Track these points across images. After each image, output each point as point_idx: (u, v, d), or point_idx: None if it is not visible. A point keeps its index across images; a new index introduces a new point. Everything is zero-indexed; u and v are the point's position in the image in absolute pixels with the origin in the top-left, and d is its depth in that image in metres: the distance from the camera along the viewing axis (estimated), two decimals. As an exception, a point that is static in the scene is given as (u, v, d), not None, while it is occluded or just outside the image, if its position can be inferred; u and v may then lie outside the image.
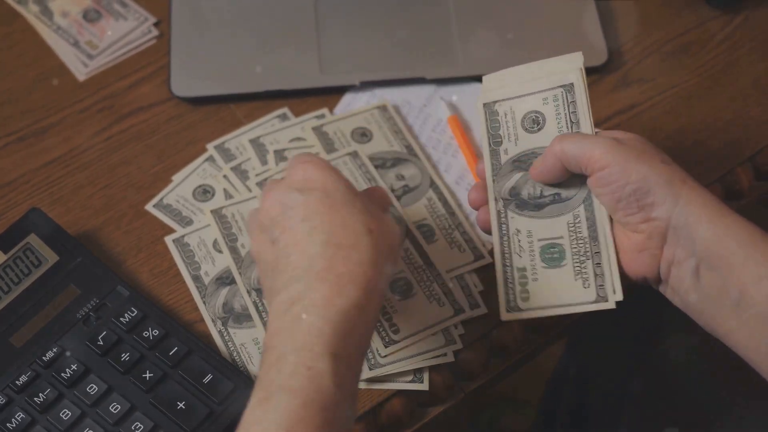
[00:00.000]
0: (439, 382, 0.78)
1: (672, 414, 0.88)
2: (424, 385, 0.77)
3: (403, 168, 0.88)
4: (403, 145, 0.89)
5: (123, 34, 0.96)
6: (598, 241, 0.74)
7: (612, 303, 0.73)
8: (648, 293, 0.74)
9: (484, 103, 0.78)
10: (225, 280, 0.82)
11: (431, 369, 0.78)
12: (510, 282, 0.74)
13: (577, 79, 0.76)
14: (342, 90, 0.93)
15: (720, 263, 0.68)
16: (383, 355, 0.77)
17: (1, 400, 0.74)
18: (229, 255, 0.83)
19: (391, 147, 0.89)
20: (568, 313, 0.74)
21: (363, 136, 0.89)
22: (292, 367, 0.60)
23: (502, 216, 0.76)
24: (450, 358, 0.78)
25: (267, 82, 0.93)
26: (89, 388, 0.75)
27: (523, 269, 0.74)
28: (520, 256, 0.75)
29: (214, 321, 0.80)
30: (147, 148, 0.90)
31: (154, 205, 0.87)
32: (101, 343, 0.77)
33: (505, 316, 0.74)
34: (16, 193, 0.87)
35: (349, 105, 0.92)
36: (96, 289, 0.79)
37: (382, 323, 0.78)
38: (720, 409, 0.86)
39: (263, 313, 0.80)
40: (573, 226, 0.75)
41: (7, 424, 0.73)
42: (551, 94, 0.77)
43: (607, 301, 0.73)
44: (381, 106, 0.92)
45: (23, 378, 0.75)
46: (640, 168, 0.69)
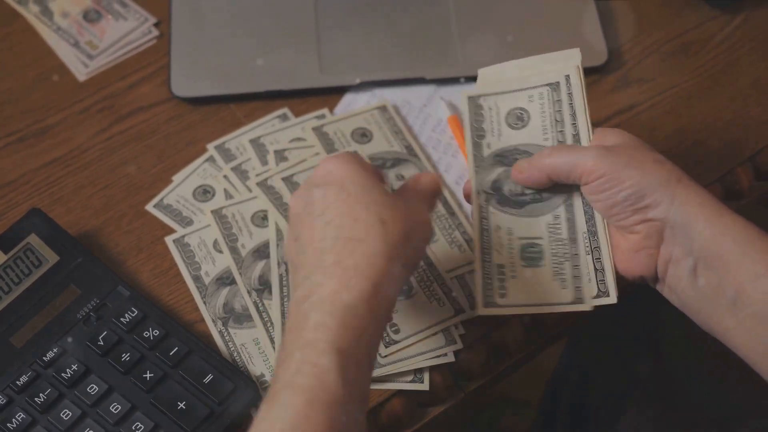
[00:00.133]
0: (439, 382, 0.78)
1: (672, 414, 0.89)
2: (425, 385, 0.77)
3: (403, 168, 0.88)
4: (403, 146, 0.89)
5: (123, 34, 0.96)
6: (578, 243, 0.74)
7: (589, 306, 0.73)
8: (648, 293, 0.74)
9: (469, 96, 0.78)
10: (225, 280, 0.82)
11: (431, 369, 0.78)
12: (488, 277, 0.74)
13: (573, 76, 0.76)
14: (342, 90, 0.93)
15: (717, 262, 0.68)
16: (383, 355, 0.77)
17: (2, 401, 0.74)
18: (230, 255, 0.83)
19: (391, 147, 0.89)
20: (545, 312, 0.74)
21: (363, 136, 0.89)
22: (298, 364, 0.60)
23: (484, 211, 0.76)
24: (450, 358, 0.78)
25: (267, 82, 0.93)
26: (90, 389, 0.75)
27: (502, 266, 0.74)
28: (500, 253, 0.74)
29: (214, 321, 0.80)
30: (147, 149, 0.90)
31: (155, 206, 0.87)
32: (102, 343, 0.77)
33: (481, 310, 0.74)
34: (16, 194, 0.87)
35: (349, 105, 0.92)
36: (96, 289, 0.79)
37: (383, 323, 0.78)
38: (720, 408, 0.86)
39: (263, 314, 0.80)
40: (553, 227, 0.75)
41: (8, 425, 0.73)
42: (537, 92, 0.77)
43: (583, 302, 0.73)
44: (381, 107, 0.92)
45: (24, 378, 0.75)
46: (632, 173, 0.69)
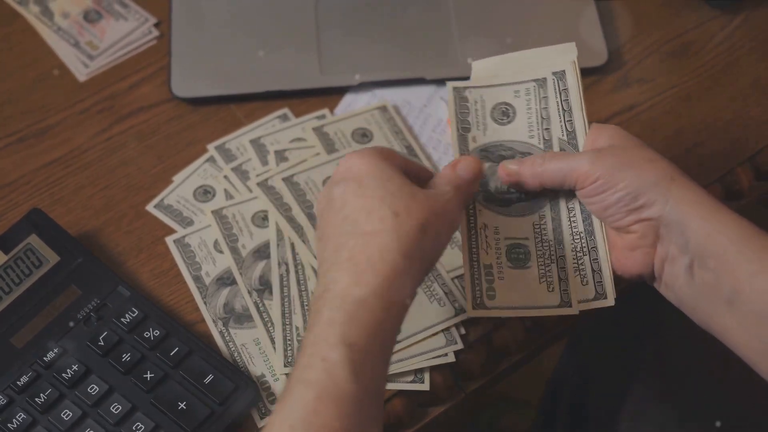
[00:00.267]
0: (439, 383, 0.78)
1: (672, 414, 0.89)
2: (425, 386, 0.77)
3: (404, 168, 0.88)
4: (404, 146, 0.89)
5: (123, 34, 0.96)
6: (564, 245, 0.74)
7: (576, 310, 0.73)
8: (648, 292, 0.74)
9: (454, 87, 0.77)
10: (226, 280, 0.82)
11: (432, 369, 0.78)
12: (477, 278, 0.73)
13: (570, 72, 0.76)
14: (342, 90, 0.93)
15: (712, 260, 0.68)
16: (384, 355, 0.77)
17: (2, 401, 0.74)
18: (230, 255, 0.83)
19: (392, 147, 0.89)
20: (533, 315, 0.73)
21: (363, 136, 0.89)
22: (308, 359, 0.60)
23: (470, 208, 0.75)
24: (451, 359, 0.78)
25: (267, 83, 0.93)
26: (90, 389, 0.75)
27: (490, 266, 0.74)
28: (487, 253, 0.74)
29: (214, 321, 0.80)
30: (147, 149, 0.90)
31: (155, 206, 0.87)
32: (102, 343, 0.77)
33: (471, 312, 0.73)
34: (16, 194, 0.87)
35: (349, 105, 0.92)
36: (97, 289, 0.79)
37: (383, 323, 0.78)
38: (721, 408, 0.86)
39: (264, 314, 0.80)
40: (538, 227, 0.74)
41: (8, 425, 0.73)
42: (523, 87, 0.76)
43: (570, 306, 0.73)
44: (381, 107, 0.92)
45: (24, 378, 0.75)
46: (625, 175, 0.70)
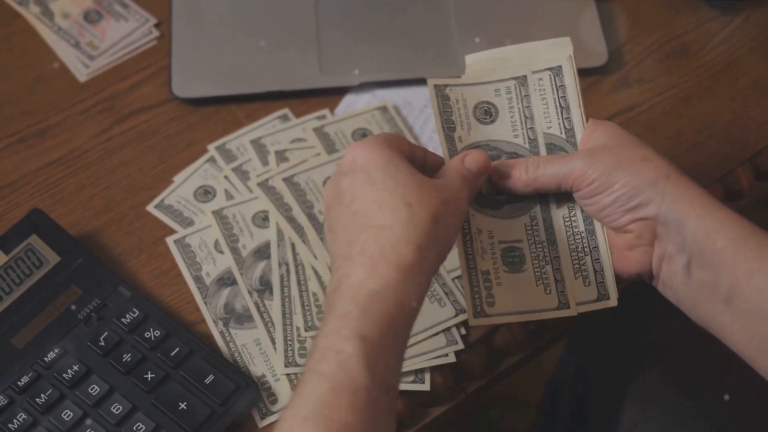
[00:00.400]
0: (440, 383, 0.78)
1: (673, 414, 0.89)
2: (426, 386, 0.77)
3: (404, 169, 0.88)
4: (404, 146, 0.89)
5: (124, 35, 0.96)
6: (557, 245, 0.73)
7: (574, 311, 0.73)
8: (648, 292, 0.74)
9: (435, 85, 0.75)
10: (226, 280, 0.82)
11: (432, 369, 0.78)
12: (476, 286, 0.72)
13: (566, 67, 0.75)
14: (343, 91, 0.93)
15: (710, 259, 0.68)
16: (384, 355, 0.77)
17: (3, 401, 0.74)
18: (231, 256, 0.83)
19: (392, 147, 0.89)
20: (533, 319, 0.73)
21: (364, 137, 0.89)
22: (322, 352, 0.60)
23: None
24: (451, 359, 0.78)
25: (267, 83, 0.93)
26: (91, 389, 0.75)
27: (487, 272, 0.73)
28: (483, 259, 0.73)
29: (215, 322, 0.81)
30: (148, 149, 0.90)
31: (155, 206, 0.87)
32: (103, 343, 0.77)
33: (473, 321, 0.72)
34: (17, 194, 0.87)
35: (349, 106, 0.92)
36: (97, 289, 0.79)
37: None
38: (722, 408, 0.86)
39: (264, 314, 0.80)
40: (530, 228, 0.74)
41: (9, 425, 0.73)
42: (503, 85, 0.75)
43: (569, 308, 0.72)
44: (382, 107, 0.92)
45: (25, 379, 0.75)
46: (622, 175, 0.69)
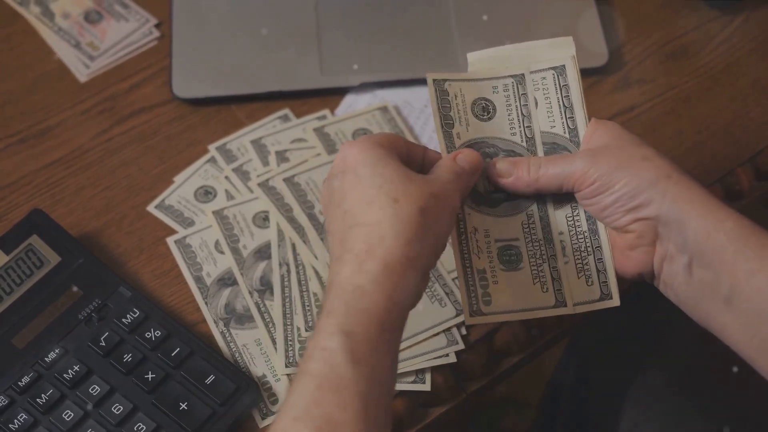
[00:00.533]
0: (440, 383, 0.78)
1: (673, 414, 0.89)
2: (426, 386, 0.77)
3: (405, 169, 0.88)
4: (404, 146, 0.89)
5: (124, 35, 0.96)
6: (554, 244, 0.73)
7: (571, 309, 0.72)
8: (649, 292, 0.74)
9: (434, 79, 0.75)
10: (227, 281, 0.82)
11: (433, 370, 0.78)
12: (471, 285, 0.72)
13: (570, 67, 0.75)
14: (343, 91, 0.93)
15: (711, 259, 0.68)
16: (385, 355, 0.77)
17: (4, 402, 0.74)
18: (231, 256, 0.83)
19: (393, 148, 0.89)
20: (530, 317, 0.72)
21: (364, 137, 0.89)
22: (310, 351, 0.61)
23: (458, 212, 0.73)
24: (452, 359, 0.78)
25: (268, 83, 0.93)
26: (91, 389, 0.75)
27: (483, 271, 0.72)
28: (479, 257, 0.73)
29: (216, 322, 0.81)
30: (148, 150, 0.90)
31: (156, 206, 0.87)
32: (103, 344, 0.77)
33: (469, 320, 0.72)
34: (17, 195, 0.87)
35: (350, 106, 0.92)
36: (98, 290, 0.79)
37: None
38: (722, 408, 0.86)
39: (265, 314, 0.80)
40: (527, 226, 0.73)
41: (10, 425, 0.73)
42: (501, 83, 0.75)
43: (566, 306, 0.72)
44: (382, 107, 0.92)
45: (25, 379, 0.75)
46: (623, 174, 0.69)
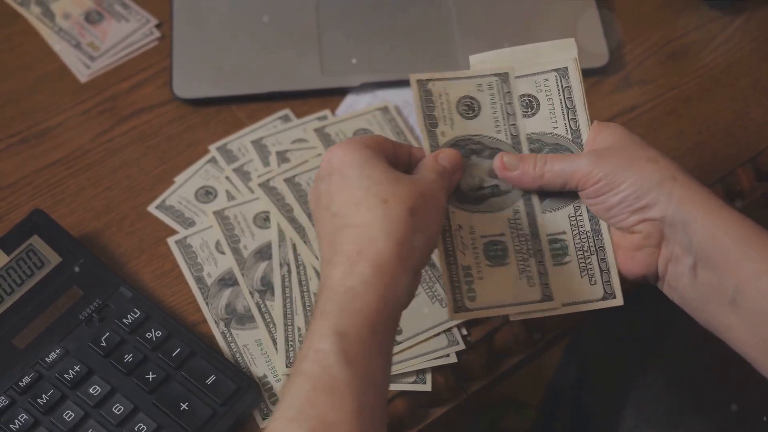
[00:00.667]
0: (441, 383, 0.78)
1: (673, 414, 0.89)
2: (427, 386, 0.77)
3: (405, 169, 0.88)
4: (405, 147, 0.89)
5: (125, 35, 0.96)
6: (540, 237, 0.73)
7: (558, 303, 0.72)
8: (650, 292, 0.74)
9: (418, 80, 0.75)
10: (228, 281, 0.82)
11: (434, 370, 0.78)
12: (456, 281, 0.72)
13: (572, 69, 0.75)
14: (344, 91, 0.93)
15: (716, 261, 0.68)
16: (386, 356, 0.77)
17: (5, 402, 0.74)
18: (232, 256, 0.83)
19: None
20: (516, 312, 0.72)
21: (365, 137, 0.89)
22: (304, 352, 0.61)
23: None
24: (452, 359, 0.78)
25: (268, 84, 0.93)
26: (92, 390, 0.75)
27: (468, 267, 0.72)
28: (464, 254, 0.72)
29: (216, 322, 0.81)
30: (149, 150, 0.90)
31: (157, 207, 0.87)
32: (104, 344, 0.77)
33: (453, 316, 0.72)
34: (18, 195, 0.87)
35: (350, 106, 0.92)
36: (99, 290, 0.79)
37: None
38: (723, 409, 0.86)
39: (266, 315, 0.80)
40: (513, 222, 0.73)
41: (11, 426, 0.73)
42: (485, 81, 0.75)
43: (552, 300, 0.72)
44: (383, 108, 0.92)
45: (26, 379, 0.75)
46: (628, 175, 0.69)
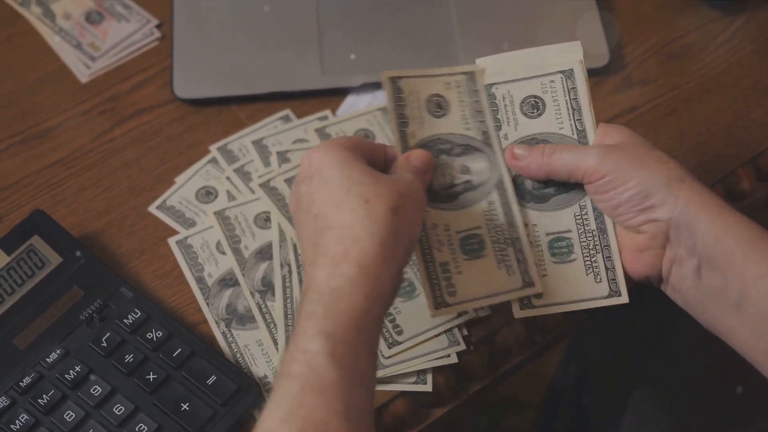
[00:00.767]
0: (442, 384, 0.78)
1: (674, 415, 0.89)
2: (428, 387, 0.77)
3: (406, 169, 0.88)
4: (406, 147, 0.89)
5: (125, 36, 0.96)
6: (516, 225, 0.73)
7: (539, 288, 0.72)
8: (651, 293, 0.74)
9: (390, 77, 0.74)
10: (228, 281, 0.82)
11: (435, 370, 0.78)
12: (435, 278, 0.72)
13: (578, 71, 0.75)
14: (344, 91, 0.93)
15: (720, 263, 0.68)
16: (387, 356, 0.77)
17: (5, 402, 0.74)
18: (233, 256, 0.83)
19: (392, 147, 0.89)
20: (497, 302, 0.72)
21: (365, 137, 0.90)
22: (292, 354, 0.61)
23: None
24: (453, 360, 0.78)
25: (269, 84, 0.93)
26: (93, 390, 0.75)
27: (446, 263, 0.72)
28: (441, 251, 0.72)
29: (217, 322, 0.81)
30: (149, 150, 0.90)
31: (157, 207, 0.87)
32: (105, 344, 0.77)
33: (434, 313, 0.72)
34: (18, 195, 0.87)
35: (351, 106, 0.92)
36: (99, 290, 0.79)
37: (386, 324, 0.78)
38: (723, 410, 0.86)
39: (266, 315, 0.80)
40: (488, 213, 0.73)
41: (11, 426, 0.73)
42: (453, 79, 0.75)
43: (533, 286, 0.72)
44: (383, 108, 0.92)
45: (27, 380, 0.75)
46: (637, 173, 0.70)
